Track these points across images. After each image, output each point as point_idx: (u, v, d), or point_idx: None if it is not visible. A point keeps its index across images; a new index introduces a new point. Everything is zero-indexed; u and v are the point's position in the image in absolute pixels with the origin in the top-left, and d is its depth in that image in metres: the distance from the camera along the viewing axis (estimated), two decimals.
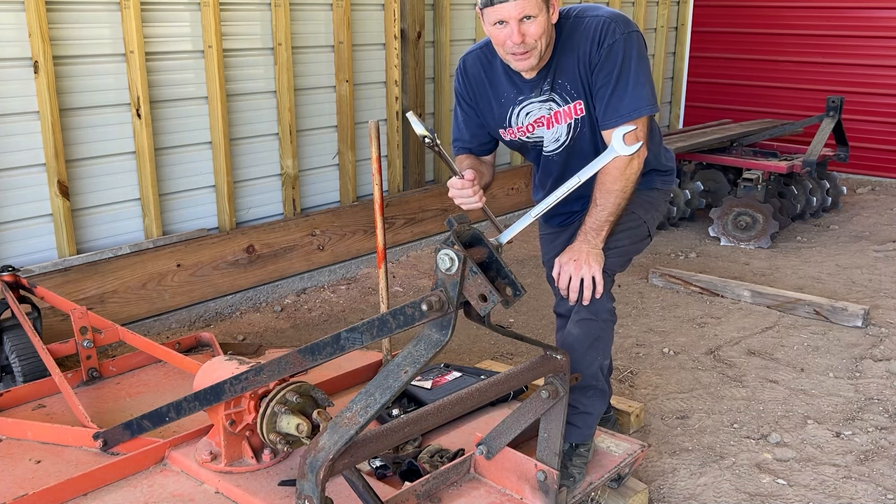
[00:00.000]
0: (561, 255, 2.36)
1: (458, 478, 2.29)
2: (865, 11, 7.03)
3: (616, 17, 2.30)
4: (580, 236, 2.34)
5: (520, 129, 2.48)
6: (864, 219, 6.08)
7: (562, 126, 2.43)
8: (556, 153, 2.49)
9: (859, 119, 7.06)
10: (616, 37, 2.26)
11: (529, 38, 2.20)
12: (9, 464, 2.45)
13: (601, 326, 2.37)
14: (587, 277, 2.29)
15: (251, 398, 2.24)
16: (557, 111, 2.41)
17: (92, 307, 3.46)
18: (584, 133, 2.42)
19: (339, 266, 4.80)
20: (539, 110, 2.43)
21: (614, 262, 2.41)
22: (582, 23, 2.32)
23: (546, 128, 2.45)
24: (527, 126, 2.47)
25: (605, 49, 2.26)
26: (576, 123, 2.41)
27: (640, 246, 2.54)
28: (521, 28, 2.18)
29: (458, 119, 2.61)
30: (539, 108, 2.43)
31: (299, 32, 4.58)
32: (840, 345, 3.85)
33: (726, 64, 7.87)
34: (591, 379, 2.38)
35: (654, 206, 2.58)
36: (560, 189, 1.90)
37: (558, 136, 2.45)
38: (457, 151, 2.67)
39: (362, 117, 4.97)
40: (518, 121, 2.47)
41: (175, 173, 4.19)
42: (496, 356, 3.68)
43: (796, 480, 2.76)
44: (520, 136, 2.50)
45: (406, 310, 1.78)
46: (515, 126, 2.48)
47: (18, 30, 3.52)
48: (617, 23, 2.28)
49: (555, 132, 2.45)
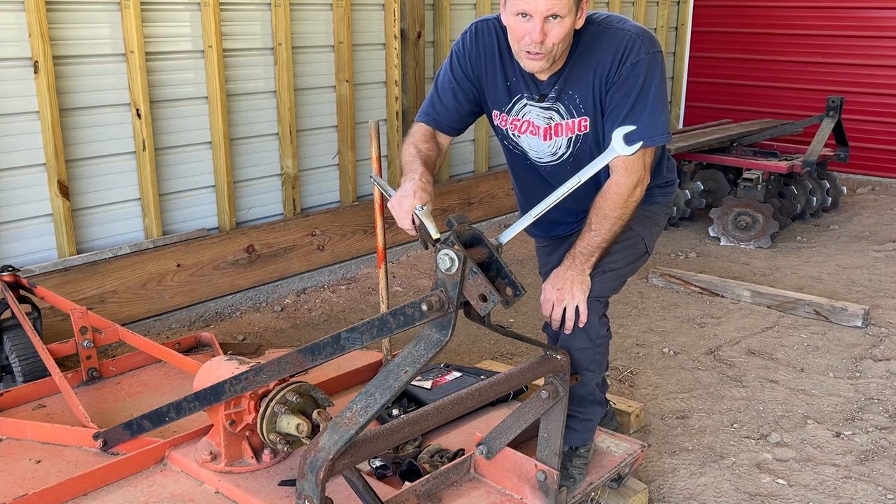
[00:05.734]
0: (547, 280, 2.26)
1: (458, 478, 2.29)
2: (865, 11, 7.03)
3: (643, 35, 2.15)
4: (567, 260, 2.23)
5: (514, 122, 2.32)
6: (864, 219, 6.08)
7: (561, 139, 2.28)
8: (553, 165, 2.35)
9: (859, 119, 7.06)
10: (640, 56, 2.11)
11: (549, 41, 2.04)
12: (9, 464, 2.45)
13: (596, 350, 2.32)
14: (570, 308, 2.20)
15: (251, 398, 2.24)
16: (559, 124, 2.26)
17: (92, 307, 3.45)
18: (585, 150, 2.28)
19: (339, 266, 4.80)
20: (537, 117, 2.28)
21: (606, 287, 2.29)
22: (605, 34, 2.16)
23: (542, 139, 2.30)
24: (521, 124, 2.31)
25: (628, 68, 2.12)
26: (577, 139, 2.27)
27: (636, 265, 2.41)
28: (544, 27, 2.02)
29: (441, 87, 2.36)
30: (538, 114, 2.28)
31: (299, 32, 4.58)
32: (840, 345, 3.85)
33: (726, 64, 7.87)
34: (589, 394, 2.37)
35: (654, 222, 2.46)
36: (560, 189, 1.88)
37: (556, 150, 2.31)
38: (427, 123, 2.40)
39: (362, 117, 4.97)
40: (518, 112, 2.31)
41: (175, 173, 4.18)
42: (496, 356, 3.68)
43: (796, 480, 2.76)
44: (509, 129, 2.34)
45: (406, 310, 1.78)
46: (512, 117, 2.32)
47: (18, 30, 3.51)
48: (643, 41, 2.13)
49: (552, 145, 2.31)
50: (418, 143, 2.33)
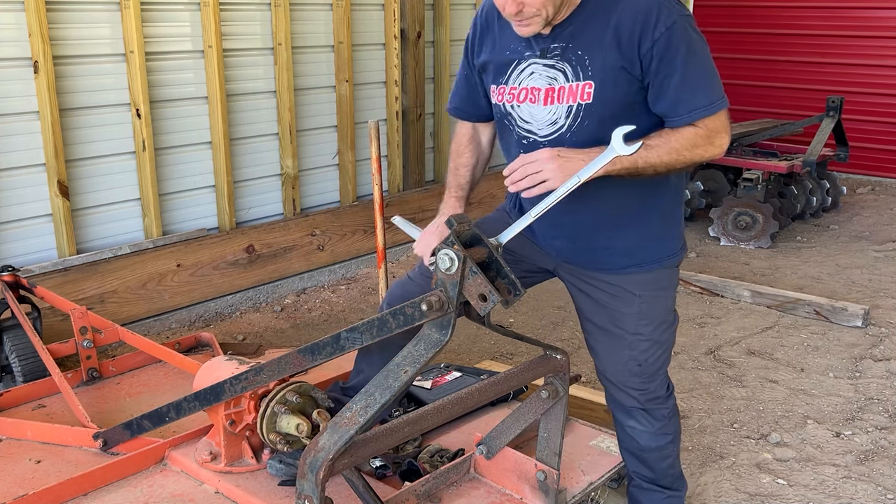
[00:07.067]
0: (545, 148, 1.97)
1: (458, 478, 2.29)
2: (865, 11, 7.03)
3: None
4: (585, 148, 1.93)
5: (513, 90, 2.10)
6: (864, 219, 6.08)
7: (562, 107, 2.02)
8: (549, 141, 2.06)
9: (859, 119, 7.06)
10: (674, 18, 1.90)
11: (528, 8, 1.88)
12: (9, 464, 2.45)
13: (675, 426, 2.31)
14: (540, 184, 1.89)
15: (251, 398, 2.23)
16: (562, 87, 2.01)
17: (92, 307, 3.45)
18: (585, 127, 2.00)
19: (339, 266, 4.80)
20: (539, 77, 2.05)
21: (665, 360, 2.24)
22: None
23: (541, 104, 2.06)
24: (520, 91, 2.09)
25: (664, 34, 1.89)
26: (577, 110, 2.00)
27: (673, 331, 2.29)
28: None
29: (459, 75, 2.31)
30: (541, 74, 2.04)
31: (299, 32, 4.58)
32: (840, 345, 3.84)
33: (726, 64, 7.85)
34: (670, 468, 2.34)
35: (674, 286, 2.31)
36: (559, 189, 1.85)
37: (556, 119, 2.04)
38: (452, 113, 2.37)
39: (362, 117, 4.97)
40: (516, 79, 2.10)
41: (175, 173, 4.18)
42: (496, 356, 3.68)
43: (796, 480, 2.76)
44: (506, 101, 2.13)
45: (406, 310, 1.78)
46: (510, 86, 2.11)
47: (18, 30, 3.51)
48: (671, 3, 1.93)
49: (552, 112, 2.04)
50: (455, 158, 2.38)
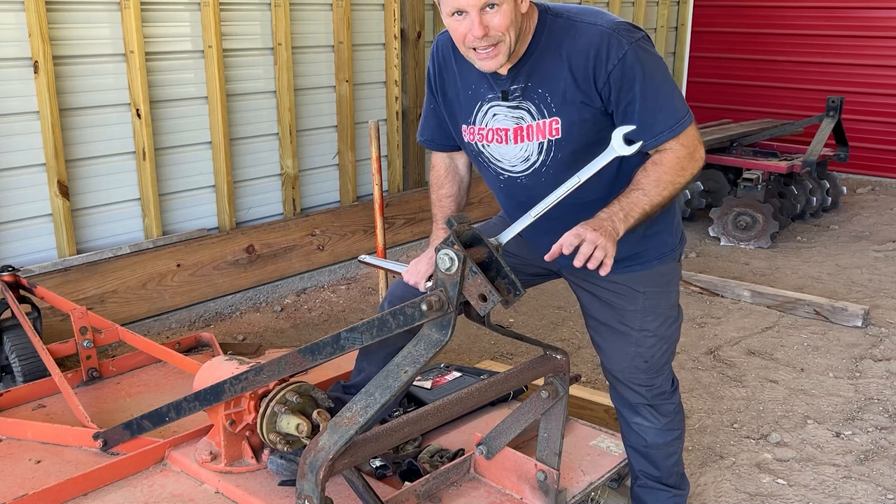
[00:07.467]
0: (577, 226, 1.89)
1: (458, 478, 2.29)
2: (865, 11, 7.03)
3: (618, 27, 1.95)
4: (604, 213, 1.90)
5: (480, 130, 2.11)
6: (864, 219, 6.08)
7: (532, 144, 2.04)
8: (527, 176, 2.10)
9: (859, 119, 7.06)
10: (625, 48, 1.92)
11: (494, 31, 1.86)
12: (9, 464, 2.45)
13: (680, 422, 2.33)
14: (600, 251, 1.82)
15: (251, 398, 2.23)
16: (529, 125, 2.03)
17: (92, 307, 3.45)
18: (559, 159, 2.03)
19: (339, 266, 4.80)
20: (505, 119, 2.05)
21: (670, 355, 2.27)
22: (576, 28, 1.97)
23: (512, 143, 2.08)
24: (487, 132, 2.10)
25: (618, 66, 1.92)
26: (549, 145, 2.03)
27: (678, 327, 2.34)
28: (482, 19, 1.84)
29: (426, 108, 2.30)
30: (506, 115, 2.05)
31: (299, 32, 4.58)
32: (840, 345, 3.84)
33: (726, 64, 7.87)
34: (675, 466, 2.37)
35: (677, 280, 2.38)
36: (559, 189, 1.85)
37: (528, 156, 2.07)
38: (425, 145, 2.37)
39: (362, 117, 4.97)
40: (482, 121, 2.10)
41: (175, 173, 4.18)
42: (496, 356, 3.68)
43: (796, 480, 2.76)
44: (477, 141, 2.13)
45: (406, 310, 1.78)
46: (478, 126, 2.11)
47: (18, 30, 3.51)
48: (620, 33, 1.94)
49: (523, 149, 2.07)
50: (436, 189, 2.39)
